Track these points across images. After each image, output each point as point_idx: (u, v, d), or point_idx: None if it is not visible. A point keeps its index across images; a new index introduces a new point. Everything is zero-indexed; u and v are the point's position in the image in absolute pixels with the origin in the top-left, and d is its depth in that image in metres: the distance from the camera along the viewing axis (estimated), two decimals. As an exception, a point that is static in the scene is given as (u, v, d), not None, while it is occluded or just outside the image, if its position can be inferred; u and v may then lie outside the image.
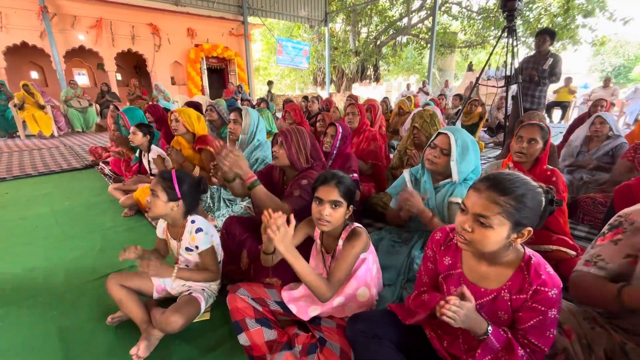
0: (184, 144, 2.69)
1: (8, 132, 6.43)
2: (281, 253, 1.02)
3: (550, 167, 1.76)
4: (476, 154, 1.57)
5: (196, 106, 4.23)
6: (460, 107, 4.30)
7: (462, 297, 0.83)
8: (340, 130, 2.24)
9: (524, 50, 12.17)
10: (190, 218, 1.40)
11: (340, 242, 1.20)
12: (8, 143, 5.82)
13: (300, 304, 1.28)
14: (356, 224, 1.22)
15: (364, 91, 18.91)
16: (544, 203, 0.83)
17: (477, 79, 3.70)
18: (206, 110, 3.46)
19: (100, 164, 3.64)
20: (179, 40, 10.72)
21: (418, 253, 1.53)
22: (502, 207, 0.79)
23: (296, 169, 1.60)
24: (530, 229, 0.83)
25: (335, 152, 2.21)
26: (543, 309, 0.84)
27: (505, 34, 3.52)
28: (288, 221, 1.01)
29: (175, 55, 10.82)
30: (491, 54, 3.61)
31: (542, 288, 0.83)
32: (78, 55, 9.89)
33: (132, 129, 2.71)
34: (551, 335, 0.86)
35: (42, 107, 6.35)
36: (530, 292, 0.85)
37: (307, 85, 21.87)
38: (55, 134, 6.65)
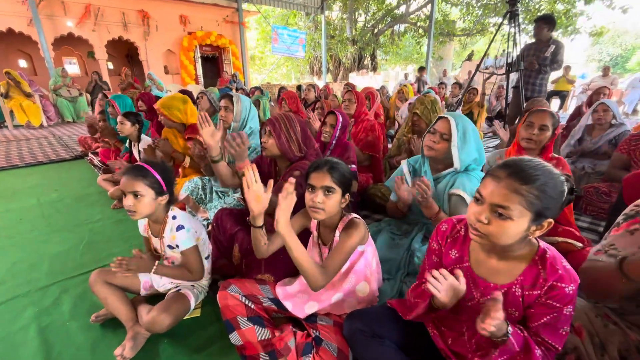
0: (176, 133, 2.59)
1: (-5, 123, 6.25)
2: (279, 227, 0.94)
3: (556, 155, 1.69)
4: (477, 141, 1.49)
5: (188, 95, 4.11)
6: (460, 96, 4.21)
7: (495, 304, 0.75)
8: (340, 119, 2.15)
9: (525, 38, 12.00)
10: (171, 213, 1.31)
11: (337, 233, 1.13)
12: (-5, 134, 5.65)
13: (296, 300, 1.21)
14: (354, 215, 1.15)
15: (360, 80, 18.66)
16: (565, 192, 0.75)
17: (478, 66, 3.60)
18: (197, 97, 3.33)
19: (90, 154, 3.53)
20: (172, 28, 10.43)
21: (418, 246, 1.47)
22: (523, 197, 0.72)
23: (288, 158, 1.51)
24: (550, 220, 0.76)
25: (334, 142, 2.12)
26: (558, 305, 0.78)
27: (507, 20, 3.41)
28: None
29: (167, 43, 10.54)
30: (492, 41, 3.49)
31: (559, 284, 0.77)
32: (68, 43, 9.58)
33: (119, 118, 2.59)
34: (564, 333, 0.81)
35: (29, 96, 6.15)
36: (545, 287, 0.79)
37: (304, 74, 21.56)
38: (45, 124, 6.47)
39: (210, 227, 1.98)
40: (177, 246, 1.29)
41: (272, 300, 1.24)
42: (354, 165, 2.15)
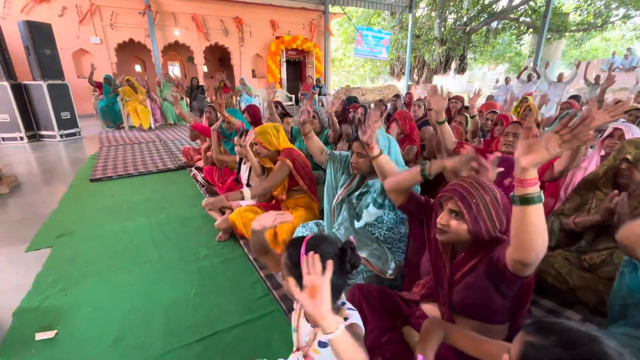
0: (269, 163, 2.35)
1: (116, 124, 7.07)
2: None
3: None
4: None
5: (280, 106, 3.97)
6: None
7: None
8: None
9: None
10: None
11: None
12: (115, 135, 6.36)
13: None
14: None
15: (443, 82, 17.16)
16: None
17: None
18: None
19: (193, 170, 3.57)
20: (262, 33, 10.82)
21: None
22: None
23: (477, 239, 1.05)
24: None
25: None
26: None
27: None
28: None
29: (257, 48, 10.97)
30: None
31: None
32: (173, 49, 10.60)
33: (238, 139, 2.43)
34: None
35: (141, 101, 6.82)
36: None
37: (382, 75, 20.68)
38: (152, 126, 7.12)
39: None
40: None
41: None
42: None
